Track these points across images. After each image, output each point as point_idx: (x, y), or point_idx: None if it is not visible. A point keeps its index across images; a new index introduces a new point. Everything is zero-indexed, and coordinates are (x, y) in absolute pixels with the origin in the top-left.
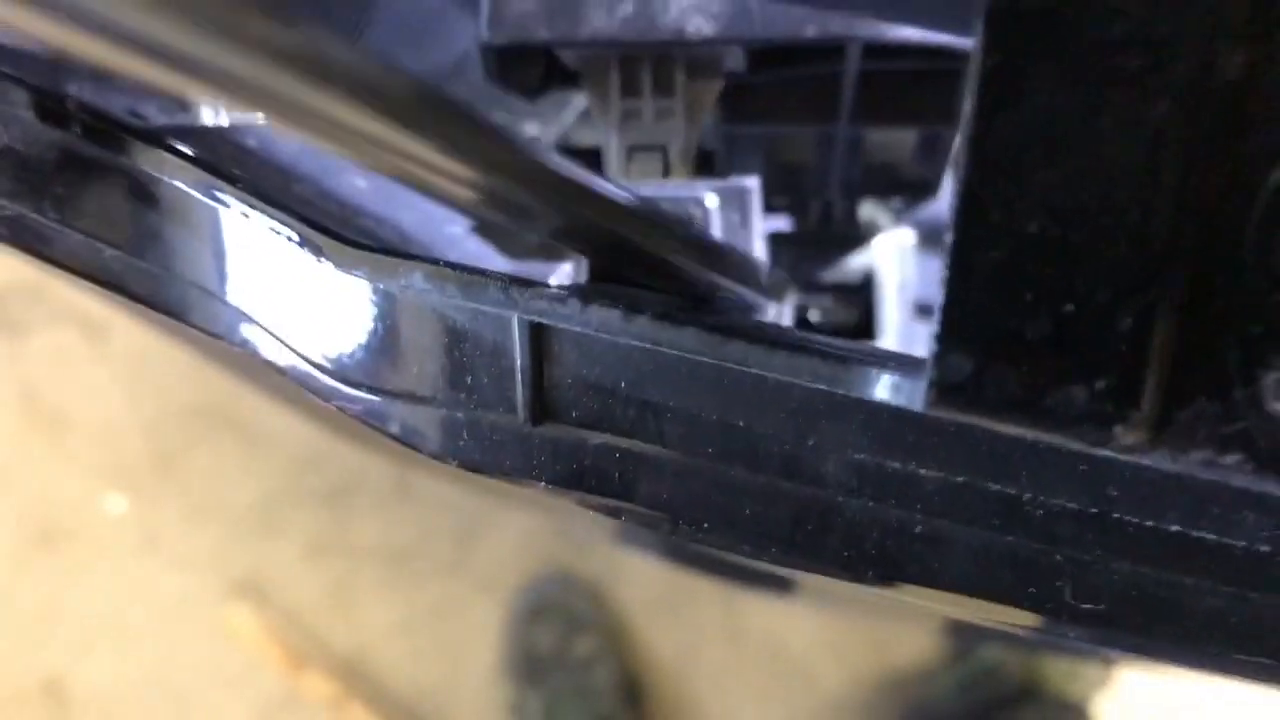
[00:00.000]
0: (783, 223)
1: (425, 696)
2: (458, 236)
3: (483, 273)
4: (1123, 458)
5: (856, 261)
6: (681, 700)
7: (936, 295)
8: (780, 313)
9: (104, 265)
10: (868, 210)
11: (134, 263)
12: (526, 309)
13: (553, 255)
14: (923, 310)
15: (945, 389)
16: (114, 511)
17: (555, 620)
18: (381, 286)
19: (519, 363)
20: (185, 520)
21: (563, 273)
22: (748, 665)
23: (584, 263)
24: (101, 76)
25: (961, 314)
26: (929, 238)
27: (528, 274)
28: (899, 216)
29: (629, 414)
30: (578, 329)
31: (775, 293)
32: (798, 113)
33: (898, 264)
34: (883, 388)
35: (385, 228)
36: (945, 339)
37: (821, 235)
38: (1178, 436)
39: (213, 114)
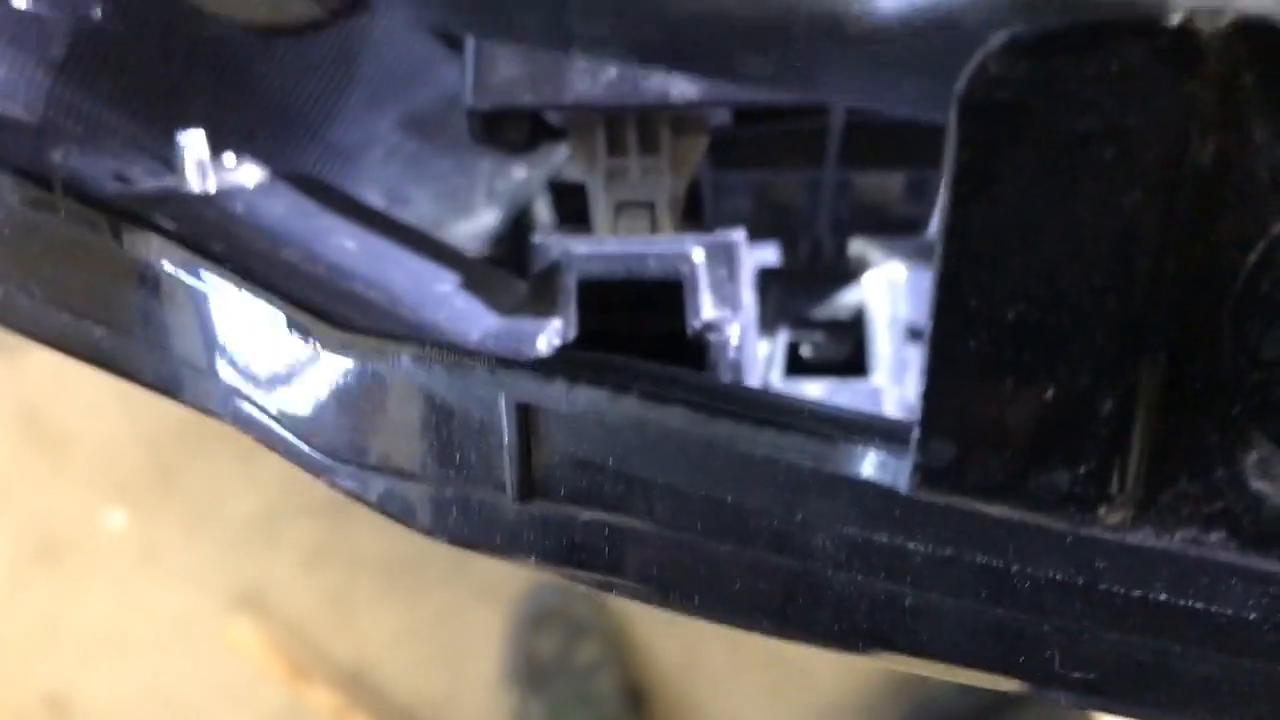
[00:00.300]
0: (771, 253)
1: (428, 705)
2: (447, 295)
3: (469, 353)
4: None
5: (847, 297)
6: (684, 705)
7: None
8: (773, 348)
9: (93, 344)
10: (857, 246)
11: (123, 342)
12: (513, 389)
13: (541, 311)
14: (915, 334)
15: (929, 473)
16: (114, 526)
17: (557, 627)
18: (369, 366)
19: (506, 441)
20: (185, 534)
21: (552, 329)
22: (749, 669)
23: (573, 318)
24: (86, 140)
25: (943, 400)
26: (918, 256)
27: (516, 331)
28: (889, 247)
29: (618, 490)
30: (565, 409)
31: None
32: (785, 160)
33: (889, 299)
34: (869, 466)
35: (375, 289)
36: (927, 425)
37: (811, 271)
38: (1161, 516)
39: (199, 179)
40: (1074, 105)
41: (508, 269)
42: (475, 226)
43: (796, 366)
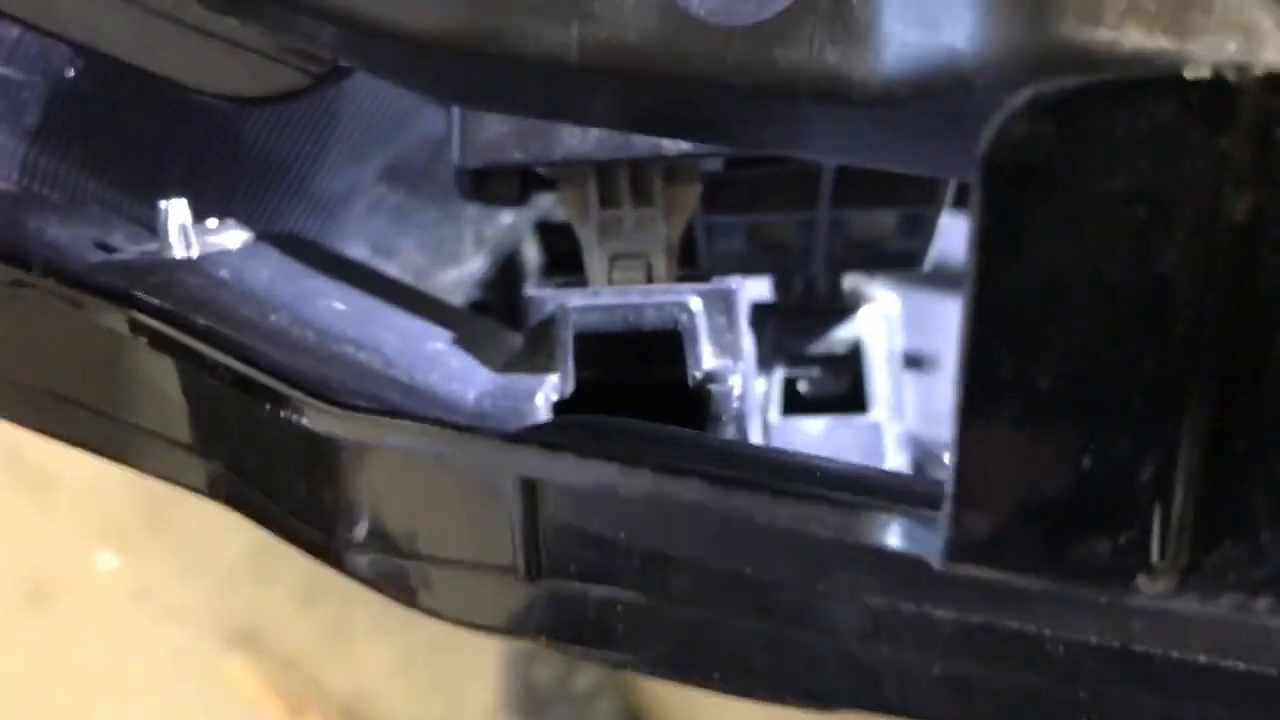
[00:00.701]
0: (764, 288)
1: None
2: (440, 354)
3: (473, 429)
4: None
5: (843, 332)
6: None
7: (926, 344)
8: (769, 385)
9: (78, 426)
10: (852, 280)
11: (109, 424)
12: (518, 465)
13: (538, 366)
14: (911, 361)
15: (962, 547)
16: (105, 567)
17: (554, 654)
18: (368, 445)
19: (513, 518)
20: (177, 573)
21: (549, 385)
22: None
23: (570, 372)
24: (66, 208)
25: (976, 473)
26: (912, 283)
27: (513, 389)
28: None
29: (631, 566)
30: (574, 484)
31: None
32: (778, 202)
33: (885, 333)
34: (894, 536)
35: (366, 351)
36: (960, 497)
37: (806, 307)
38: (1206, 582)
39: (183, 245)
40: (1103, 165)
41: (498, 312)
42: (463, 273)
43: (793, 403)
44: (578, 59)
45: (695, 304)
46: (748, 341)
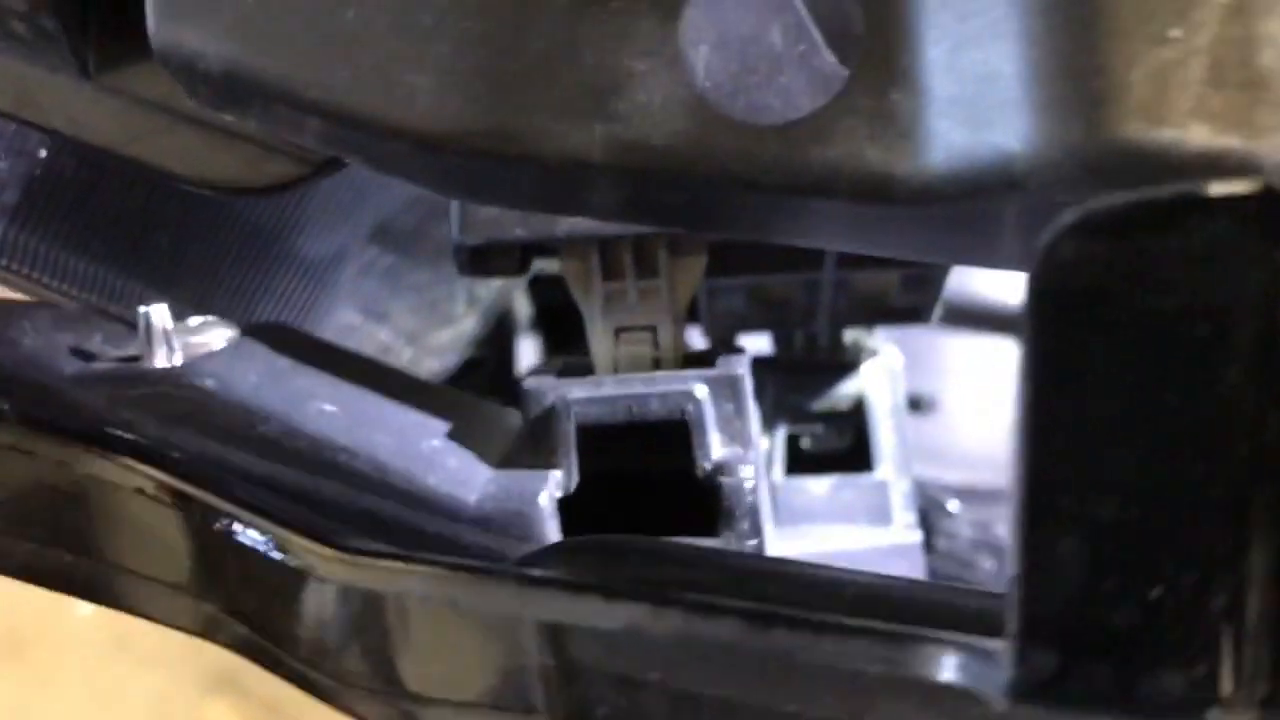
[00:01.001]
0: (764, 344)
1: None
2: (437, 451)
3: (491, 570)
4: None
5: (846, 387)
6: None
7: (926, 385)
8: (772, 443)
9: (63, 572)
10: (853, 333)
11: (98, 568)
12: (542, 609)
13: (539, 460)
14: (911, 404)
15: (1027, 686)
16: (81, 614)
17: None
18: (377, 591)
19: (536, 663)
20: None
21: (553, 482)
22: None
23: (574, 467)
24: (39, 308)
25: (1041, 608)
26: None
27: (516, 490)
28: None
29: (663, 709)
30: (601, 627)
31: None
32: (781, 265)
33: (889, 388)
34: (948, 670)
35: (360, 459)
36: (1025, 635)
37: (808, 362)
38: None
39: (166, 355)
40: (1159, 283)
41: (490, 368)
42: (457, 333)
43: (796, 459)
44: (601, 159)
45: (701, 391)
46: (756, 426)
